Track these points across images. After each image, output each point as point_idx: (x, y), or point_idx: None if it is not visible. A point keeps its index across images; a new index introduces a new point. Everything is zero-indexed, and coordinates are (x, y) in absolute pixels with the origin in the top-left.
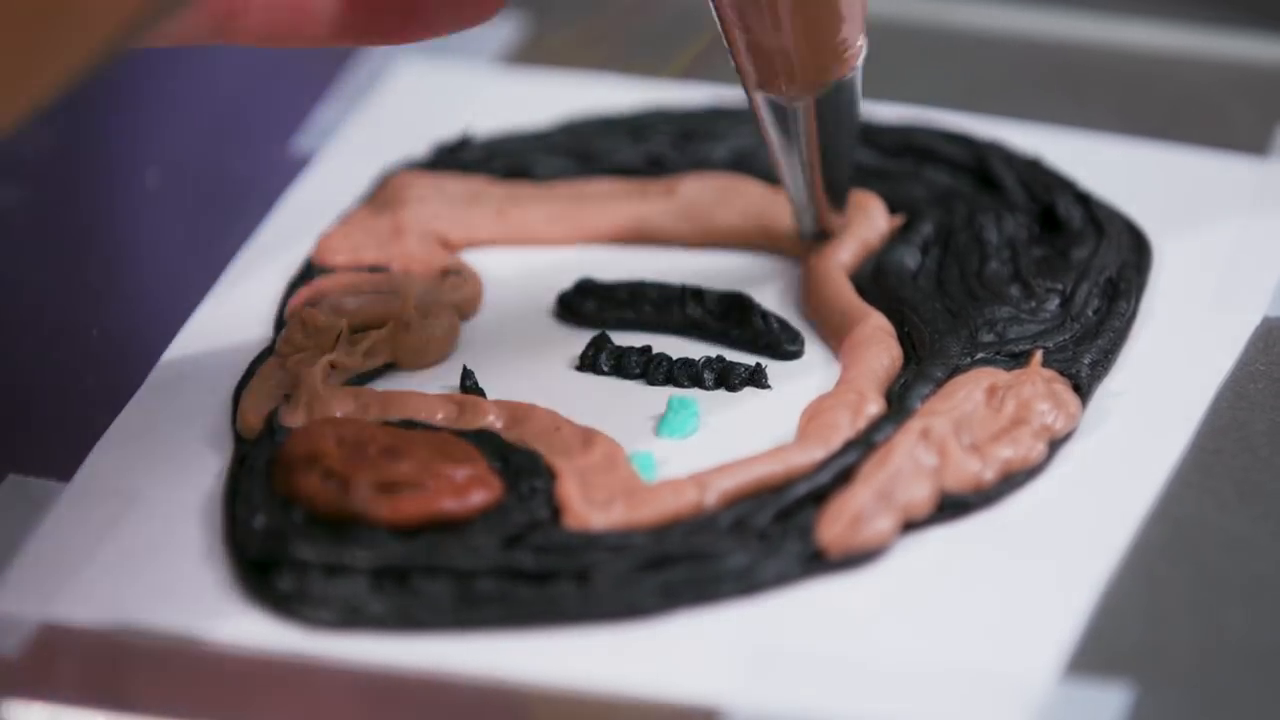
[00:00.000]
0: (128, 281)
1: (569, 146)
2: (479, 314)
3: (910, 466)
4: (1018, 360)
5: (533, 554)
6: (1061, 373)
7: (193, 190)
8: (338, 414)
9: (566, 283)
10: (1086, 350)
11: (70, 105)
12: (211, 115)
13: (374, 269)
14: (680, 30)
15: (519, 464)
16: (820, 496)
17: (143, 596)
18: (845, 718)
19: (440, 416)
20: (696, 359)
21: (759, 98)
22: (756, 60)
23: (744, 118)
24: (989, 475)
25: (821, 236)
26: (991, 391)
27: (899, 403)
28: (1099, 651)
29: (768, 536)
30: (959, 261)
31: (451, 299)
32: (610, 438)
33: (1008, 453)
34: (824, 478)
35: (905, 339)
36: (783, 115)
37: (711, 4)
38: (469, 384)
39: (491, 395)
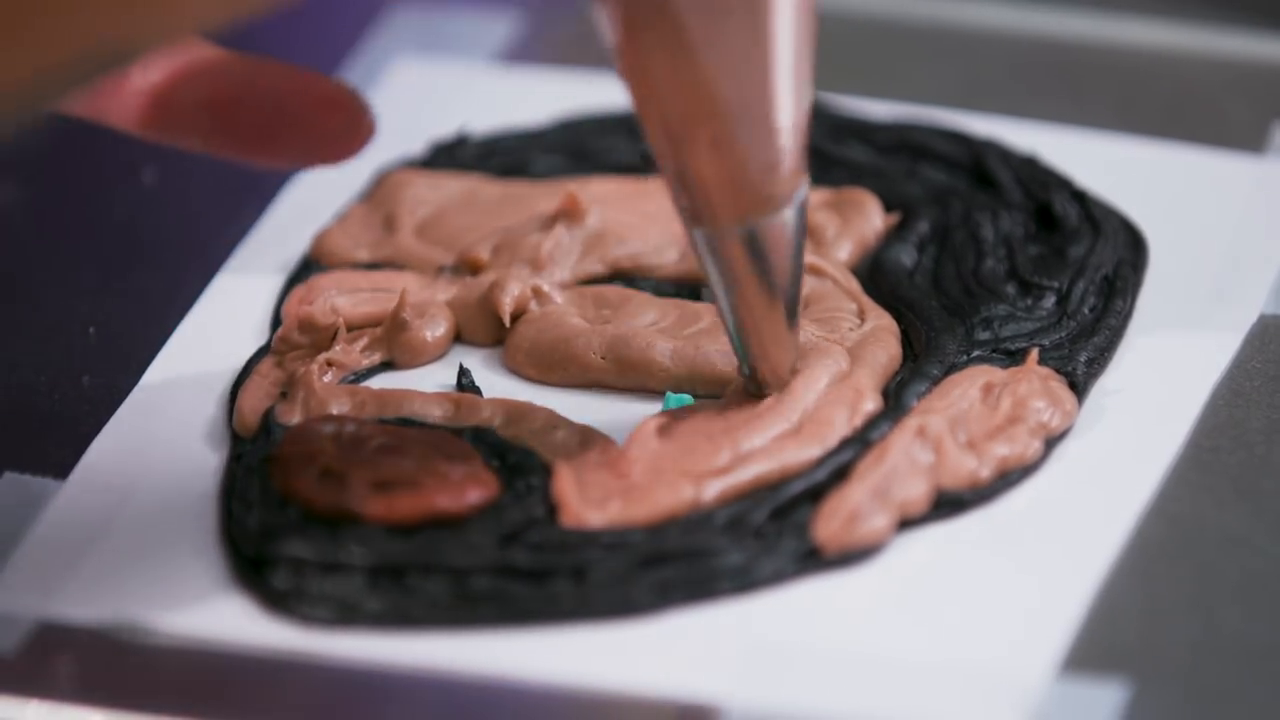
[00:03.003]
0: (125, 279)
1: (566, 144)
2: None
3: (906, 464)
4: (1014, 358)
5: (529, 552)
6: (1058, 370)
7: (189, 188)
8: (334, 412)
9: None
10: (1083, 348)
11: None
12: None
13: (370, 267)
14: None
15: (515, 462)
16: (816, 494)
17: (139, 594)
18: (841, 715)
19: (437, 414)
20: None
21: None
22: (677, 185)
23: None
24: (985, 473)
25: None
26: (988, 389)
27: (895, 400)
28: (1095, 648)
29: (764, 534)
30: (955, 259)
31: (447, 297)
32: (607, 435)
33: (1004, 450)
34: (820, 475)
35: (902, 337)
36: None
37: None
38: (465, 382)
39: (488, 393)
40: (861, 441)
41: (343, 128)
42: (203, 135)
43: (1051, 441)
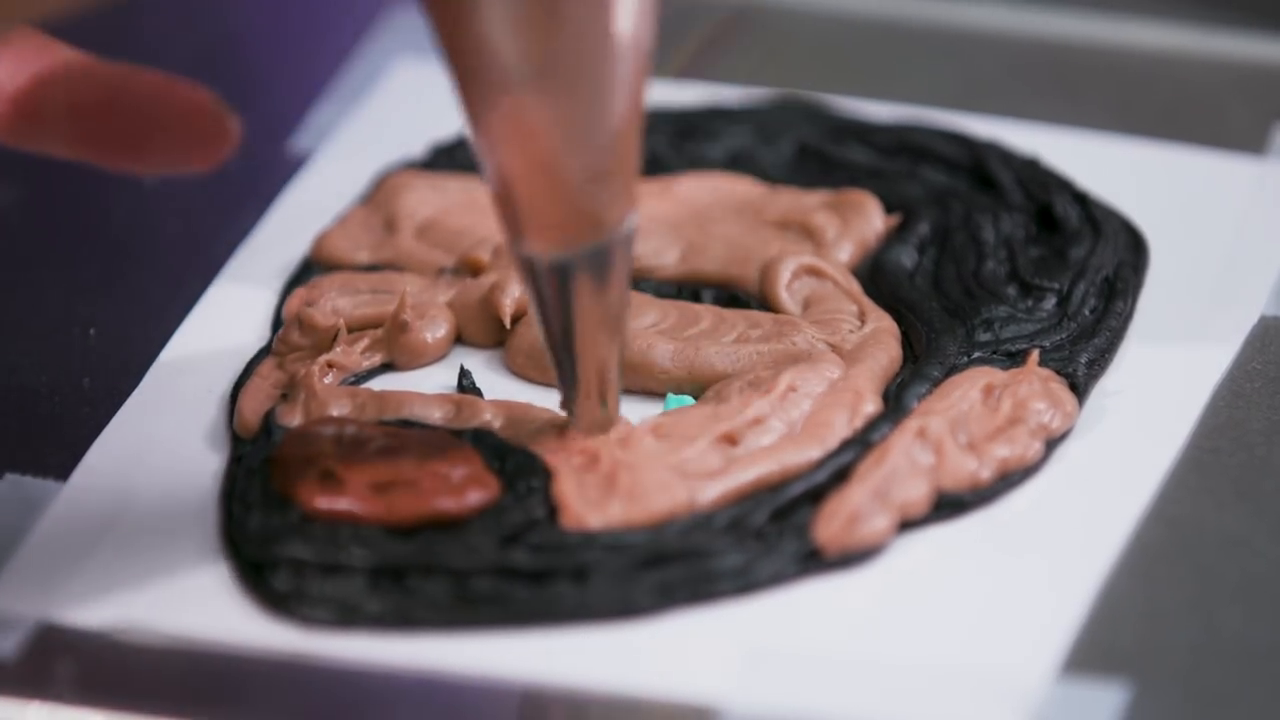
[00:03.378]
0: (125, 281)
1: None
2: None
3: (907, 465)
4: (1014, 359)
5: (529, 553)
6: (1058, 372)
7: (190, 189)
8: (335, 413)
9: None
10: (1083, 349)
11: None
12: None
13: (371, 268)
14: (676, 30)
15: (516, 463)
16: (817, 495)
17: (140, 596)
18: (841, 716)
19: (437, 416)
20: None
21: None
22: (499, 202)
23: (741, 117)
24: (985, 474)
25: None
26: (988, 391)
27: (896, 402)
28: (1095, 650)
29: (764, 535)
30: (956, 261)
31: (448, 298)
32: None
33: (1004, 452)
34: (821, 477)
35: (902, 338)
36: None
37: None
38: (466, 383)
39: (488, 395)
40: (862, 443)
41: (206, 135)
42: (67, 142)
43: (1052, 443)
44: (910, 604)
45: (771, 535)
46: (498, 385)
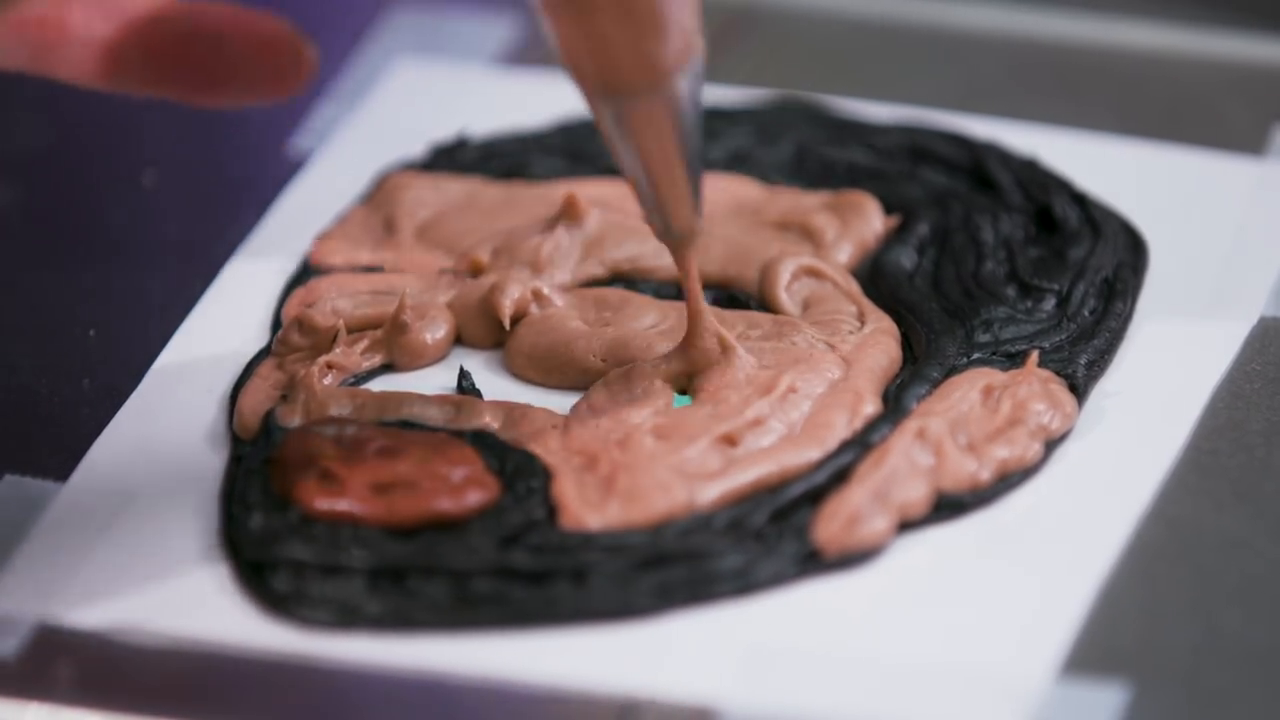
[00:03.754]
0: (125, 282)
1: (565, 147)
2: None
3: (906, 466)
4: (1014, 360)
5: (529, 554)
6: (1058, 373)
7: (190, 190)
8: (334, 414)
9: None
10: (1082, 350)
11: (67, 105)
12: (208, 115)
13: (370, 269)
14: None
15: (515, 464)
16: (816, 496)
17: (139, 597)
18: (841, 716)
19: (437, 417)
20: None
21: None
22: (587, 62)
23: (741, 118)
24: (985, 475)
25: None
26: (988, 392)
27: (895, 403)
28: (1095, 650)
29: (764, 536)
30: (955, 262)
31: (447, 299)
32: None
33: (1004, 453)
34: (820, 478)
35: (902, 339)
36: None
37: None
38: (465, 384)
39: (488, 395)
40: (861, 444)
41: (284, 66)
42: (149, 83)
43: (1051, 444)
44: (910, 604)
45: (771, 536)
46: (497, 386)
